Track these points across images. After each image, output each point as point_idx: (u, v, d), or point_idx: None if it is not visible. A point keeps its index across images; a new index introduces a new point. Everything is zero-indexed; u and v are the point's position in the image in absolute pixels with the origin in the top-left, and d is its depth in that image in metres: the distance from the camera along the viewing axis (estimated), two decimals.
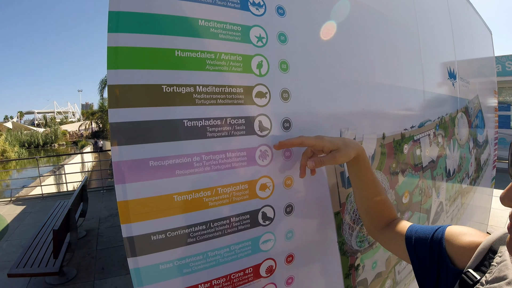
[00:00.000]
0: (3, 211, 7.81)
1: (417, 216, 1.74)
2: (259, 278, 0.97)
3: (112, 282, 4.44)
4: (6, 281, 4.39)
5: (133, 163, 0.73)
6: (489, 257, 0.70)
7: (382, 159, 1.36)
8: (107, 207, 7.94)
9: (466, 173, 2.58)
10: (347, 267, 1.27)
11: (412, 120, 1.62)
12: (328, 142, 0.91)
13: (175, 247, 0.80)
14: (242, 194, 0.88)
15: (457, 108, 2.35)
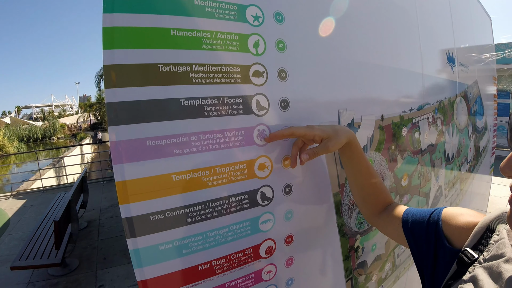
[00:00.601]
0: (4, 206, 7.84)
1: (416, 199, 1.74)
2: (258, 259, 0.97)
3: (114, 271, 4.48)
4: (10, 274, 4.44)
5: (131, 143, 0.73)
6: (486, 236, 0.70)
7: (381, 141, 1.36)
8: (107, 198, 7.98)
9: (465, 158, 2.58)
10: (346, 249, 1.28)
11: (411, 103, 1.62)
12: (319, 131, 0.91)
13: (174, 227, 0.80)
14: (240, 173, 0.88)
15: (456, 93, 2.35)
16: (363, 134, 1.26)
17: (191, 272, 0.85)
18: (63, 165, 11.43)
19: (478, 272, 0.63)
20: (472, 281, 0.62)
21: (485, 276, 0.61)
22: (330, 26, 1.12)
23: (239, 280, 0.95)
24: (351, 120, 1.19)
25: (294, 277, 1.10)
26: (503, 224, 0.69)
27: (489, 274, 0.61)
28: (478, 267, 0.64)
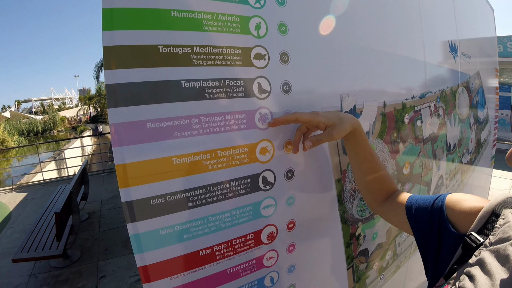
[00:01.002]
0: (5, 199, 7.88)
1: (418, 188, 1.73)
2: (260, 244, 0.96)
3: (115, 262, 4.51)
4: (12, 267, 4.47)
5: (130, 125, 0.72)
6: (492, 220, 0.69)
7: (383, 128, 1.34)
8: (108, 190, 8.02)
9: (466, 148, 2.58)
10: (348, 236, 1.27)
11: (413, 91, 1.60)
12: (323, 118, 0.90)
13: (175, 211, 0.79)
14: (242, 157, 0.87)
15: (458, 82, 2.33)
16: (365, 120, 1.25)
17: (192, 258, 0.84)
18: (64, 158, 11.45)
19: (484, 256, 0.62)
20: (479, 264, 0.61)
21: (492, 259, 0.60)
22: (333, 12, 1.10)
23: (240, 266, 0.94)
24: (353, 106, 1.18)
25: (295, 264, 1.09)
26: (508, 208, 0.69)
27: (496, 257, 0.60)
28: (484, 251, 0.63)
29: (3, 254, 4.98)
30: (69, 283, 4.12)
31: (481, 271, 0.60)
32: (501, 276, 0.56)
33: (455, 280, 0.64)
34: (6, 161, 19.97)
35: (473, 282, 0.59)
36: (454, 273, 0.67)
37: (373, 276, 1.51)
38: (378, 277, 1.56)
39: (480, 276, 0.59)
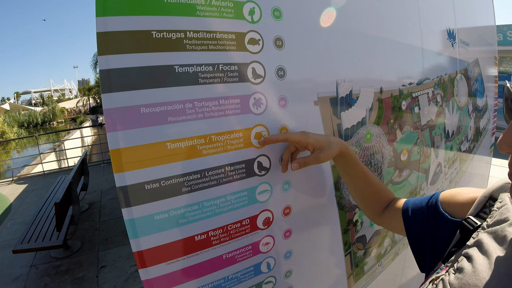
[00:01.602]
0: (5, 191, 7.89)
1: (416, 175, 1.73)
2: (256, 230, 0.97)
3: (115, 252, 4.54)
4: (12, 258, 4.50)
5: (124, 110, 0.72)
6: (489, 204, 0.70)
7: (380, 114, 1.34)
8: (108, 180, 8.04)
9: (465, 136, 2.57)
10: (345, 222, 1.27)
11: (410, 77, 1.59)
12: (312, 140, 0.91)
13: (170, 196, 0.79)
14: (236, 142, 0.87)
15: (457, 70, 2.32)
16: (361, 106, 1.24)
17: (188, 243, 0.84)
18: (64, 149, 11.45)
19: (482, 237, 0.62)
20: (477, 245, 0.62)
21: (490, 240, 0.61)
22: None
23: (236, 252, 0.94)
24: (349, 92, 1.17)
25: (292, 250, 1.09)
26: (506, 193, 0.69)
27: (494, 238, 0.60)
28: (482, 233, 0.64)
29: (4, 246, 5.00)
30: (70, 273, 4.14)
31: (479, 252, 0.60)
32: (498, 255, 0.56)
33: (453, 263, 0.65)
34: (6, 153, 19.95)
35: (471, 262, 0.59)
36: (452, 256, 0.68)
37: (371, 263, 1.51)
38: (376, 264, 1.56)
39: (478, 256, 0.59)
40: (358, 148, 1.25)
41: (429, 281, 0.67)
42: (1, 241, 5.21)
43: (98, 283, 3.90)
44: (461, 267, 0.60)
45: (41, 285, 3.94)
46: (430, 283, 0.66)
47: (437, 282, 0.63)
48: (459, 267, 0.61)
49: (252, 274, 1.01)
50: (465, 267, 0.59)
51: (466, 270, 0.59)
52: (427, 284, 0.66)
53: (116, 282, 3.90)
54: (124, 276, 4.00)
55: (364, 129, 1.26)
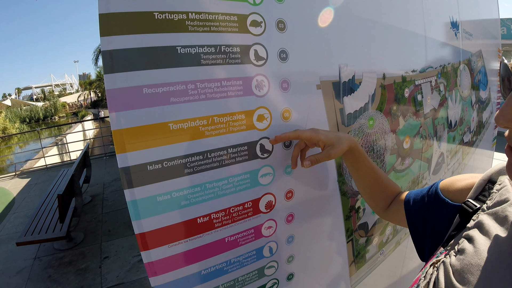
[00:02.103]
0: (8, 186, 7.95)
1: (418, 164, 1.73)
2: (258, 213, 0.97)
3: (118, 243, 4.57)
4: (16, 251, 4.54)
5: (127, 91, 0.72)
6: (488, 187, 0.70)
7: (383, 100, 1.33)
8: (110, 173, 8.09)
9: (467, 127, 2.56)
10: (347, 209, 1.27)
11: (413, 64, 1.59)
12: (323, 137, 0.92)
13: (172, 177, 0.79)
14: (239, 124, 0.86)
15: (460, 60, 2.31)
16: (364, 91, 1.23)
17: (190, 225, 0.85)
18: (66, 143, 11.47)
19: (482, 218, 0.62)
20: (477, 226, 0.62)
21: (490, 221, 0.60)
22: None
23: (239, 235, 0.95)
24: (352, 76, 1.17)
25: (294, 235, 1.10)
26: (505, 175, 0.69)
27: (495, 219, 0.60)
28: (482, 214, 0.63)
29: (8, 239, 5.04)
30: (73, 265, 4.16)
31: (480, 233, 0.60)
32: (500, 235, 0.56)
33: (454, 245, 0.64)
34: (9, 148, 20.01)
35: (472, 243, 0.59)
36: (452, 240, 0.67)
37: (373, 251, 1.52)
38: (378, 253, 1.56)
39: (479, 237, 0.59)
40: (361, 134, 1.24)
41: (429, 264, 0.66)
42: (5, 235, 5.25)
43: (101, 274, 3.92)
44: (462, 248, 0.60)
45: (45, 277, 3.97)
46: (430, 267, 0.65)
47: (438, 265, 0.63)
48: (460, 249, 0.60)
49: (255, 258, 1.01)
50: (466, 248, 0.59)
51: (468, 250, 0.58)
52: (428, 267, 0.66)
53: (119, 272, 3.92)
54: (127, 266, 4.03)
55: (366, 115, 1.25)
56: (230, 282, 0.98)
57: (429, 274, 0.63)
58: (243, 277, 1.01)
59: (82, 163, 5.65)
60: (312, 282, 1.25)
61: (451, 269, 0.58)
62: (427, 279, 0.63)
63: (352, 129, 1.21)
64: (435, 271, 0.62)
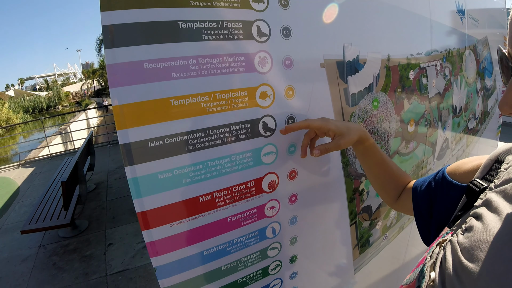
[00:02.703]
0: (13, 175, 8.00)
1: (422, 148, 1.71)
2: (261, 193, 0.96)
3: (122, 230, 4.61)
4: (21, 239, 4.58)
5: (127, 66, 0.71)
6: (495, 167, 0.68)
7: (387, 81, 1.32)
8: (114, 160, 8.12)
9: (472, 114, 2.54)
10: (351, 191, 1.26)
11: (418, 47, 1.56)
12: (333, 126, 0.92)
13: (173, 154, 0.78)
14: (241, 101, 0.85)
15: (465, 45, 2.28)
16: (368, 71, 1.22)
17: (192, 204, 0.84)
18: (70, 131, 11.50)
19: (491, 196, 0.60)
20: (485, 205, 0.60)
21: (499, 198, 0.58)
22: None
23: (241, 215, 0.94)
24: (356, 56, 1.15)
25: (297, 216, 1.09)
26: None
27: (503, 197, 0.58)
28: (490, 193, 0.61)
29: (13, 228, 5.08)
30: (78, 252, 4.19)
31: (488, 211, 0.58)
32: (509, 212, 0.54)
33: (460, 225, 0.63)
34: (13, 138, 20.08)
35: (481, 220, 0.57)
36: (458, 220, 0.66)
37: (376, 235, 1.51)
38: (381, 237, 1.56)
39: (488, 214, 0.57)
40: (365, 114, 1.23)
41: (435, 244, 0.65)
42: (10, 224, 5.29)
43: (106, 260, 3.95)
44: (470, 226, 0.58)
45: (50, 264, 4.00)
46: (437, 246, 0.64)
47: (445, 245, 0.61)
48: (467, 227, 0.59)
49: (257, 239, 1.01)
50: (474, 225, 0.57)
51: (476, 228, 0.56)
52: (434, 247, 0.64)
53: (123, 258, 3.95)
54: (131, 252, 4.05)
55: (371, 95, 1.24)
56: (233, 263, 0.98)
57: (435, 254, 0.62)
58: (245, 258, 1.00)
59: (86, 150, 5.66)
60: (316, 265, 1.25)
61: (459, 247, 0.56)
62: (433, 258, 0.61)
63: (356, 110, 1.19)
64: (441, 251, 0.61)
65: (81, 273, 3.77)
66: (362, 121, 1.22)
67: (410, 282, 0.64)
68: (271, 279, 1.11)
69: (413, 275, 0.65)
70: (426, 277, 0.59)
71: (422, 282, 0.59)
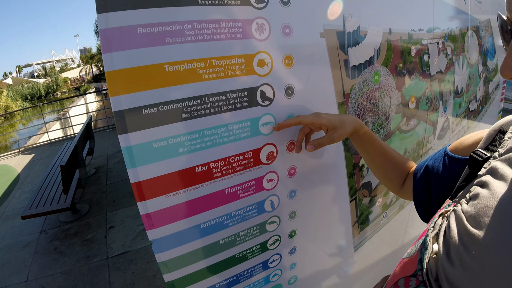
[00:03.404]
0: (12, 163, 8.01)
1: (423, 126, 1.70)
2: (259, 164, 0.94)
3: (123, 213, 4.62)
4: (22, 226, 4.61)
5: (120, 30, 0.68)
6: (499, 137, 0.66)
7: (388, 56, 1.29)
8: (114, 144, 8.13)
9: (474, 95, 2.52)
10: (351, 166, 1.25)
11: (420, 23, 1.53)
12: (325, 121, 0.92)
13: (168, 122, 0.76)
14: (238, 68, 0.83)
15: (468, 25, 2.25)
16: (369, 44, 1.19)
17: (188, 174, 0.83)
18: (69, 116, 11.48)
19: (495, 164, 0.57)
20: (490, 173, 0.57)
21: (505, 166, 0.55)
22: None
23: (239, 187, 0.93)
24: (356, 28, 1.12)
25: (296, 189, 1.08)
26: None
27: (509, 165, 0.55)
28: (494, 161, 0.59)
29: (14, 215, 5.10)
30: (79, 236, 4.20)
31: (494, 178, 0.55)
32: None
33: (463, 195, 0.60)
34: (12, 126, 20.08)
35: (487, 187, 0.54)
36: (461, 191, 0.64)
37: (376, 212, 1.50)
38: (381, 215, 1.55)
39: (494, 181, 0.54)
40: (366, 88, 1.21)
41: (438, 215, 0.63)
42: (11, 210, 5.30)
43: (107, 243, 3.96)
44: (476, 194, 0.55)
45: (51, 249, 4.01)
46: (439, 217, 0.62)
47: (448, 215, 0.59)
48: (472, 195, 0.56)
49: (256, 213, 1.00)
50: (480, 193, 0.54)
51: (482, 194, 0.54)
52: (436, 218, 0.62)
53: (124, 241, 3.96)
54: (132, 235, 4.07)
55: (372, 69, 1.21)
56: (231, 237, 0.97)
57: (438, 225, 0.60)
58: (244, 232, 0.99)
59: (85, 135, 5.64)
60: (315, 241, 1.24)
61: (464, 216, 0.53)
62: (436, 229, 0.59)
63: (357, 82, 1.17)
64: (445, 221, 0.58)
65: (82, 256, 3.78)
66: (363, 94, 1.20)
67: (412, 254, 0.61)
68: (270, 254, 1.10)
69: (414, 247, 0.62)
70: (429, 249, 0.57)
71: (424, 254, 0.57)
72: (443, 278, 0.52)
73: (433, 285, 0.54)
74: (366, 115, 1.24)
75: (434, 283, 0.54)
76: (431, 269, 0.55)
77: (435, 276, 0.54)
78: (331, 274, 1.40)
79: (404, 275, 0.61)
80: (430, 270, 0.55)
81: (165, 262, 0.87)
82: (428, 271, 0.55)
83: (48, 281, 3.44)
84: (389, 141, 1.44)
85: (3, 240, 4.38)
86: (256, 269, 1.09)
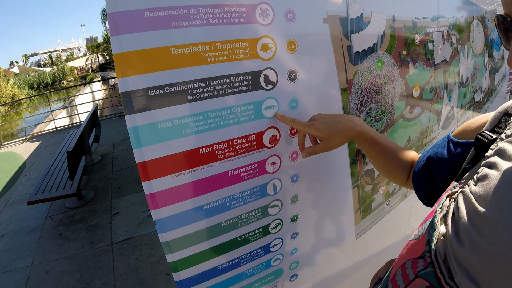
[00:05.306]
0: (19, 150, 8.12)
1: (427, 115, 1.70)
2: (262, 147, 0.96)
3: (128, 199, 4.68)
4: (28, 211, 4.69)
5: (128, 14, 0.70)
6: (505, 120, 0.65)
7: (392, 43, 1.30)
8: (120, 132, 8.20)
9: (479, 86, 2.51)
10: (354, 152, 1.26)
11: (424, 11, 1.53)
12: (314, 131, 0.94)
13: (174, 104, 0.78)
14: (242, 52, 0.84)
15: (473, 15, 2.24)
16: (373, 31, 1.20)
17: (192, 155, 0.84)
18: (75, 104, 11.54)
19: (503, 145, 0.57)
20: (498, 154, 0.57)
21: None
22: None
23: (242, 169, 0.94)
24: (360, 14, 1.13)
25: (299, 173, 1.09)
26: None
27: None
28: (502, 142, 0.58)
29: (20, 200, 5.18)
30: (84, 221, 4.26)
31: (502, 159, 0.55)
32: None
33: (471, 176, 0.60)
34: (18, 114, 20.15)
35: (495, 168, 0.54)
36: (467, 173, 0.64)
37: (379, 200, 1.51)
38: (384, 203, 1.56)
39: (502, 162, 0.54)
40: (369, 74, 1.22)
41: (445, 196, 0.62)
42: (17, 197, 5.38)
43: (112, 229, 4.02)
44: (484, 174, 0.55)
45: (56, 234, 4.08)
46: (446, 198, 0.61)
47: (456, 196, 0.58)
48: (480, 177, 0.56)
49: (258, 196, 1.01)
50: (489, 173, 0.54)
51: (491, 175, 0.53)
52: (444, 199, 0.62)
53: (128, 227, 4.02)
54: (136, 221, 4.13)
55: (375, 56, 1.22)
56: (233, 219, 0.99)
57: (446, 206, 0.59)
58: (246, 214, 1.01)
59: (91, 122, 5.69)
60: (317, 226, 1.26)
61: (473, 196, 0.53)
62: (443, 211, 0.59)
63: (360, 69, 1.18)
64: (452, 202, 0.58)
65: (87, 242, 3.84)
66: (366, 80, 1.21)
67: (419, 236, 0.61)
68: (272, 238, 1.12)
69: (421, 229, 0.62)
70: (437, 230, 0.56)
71: (432, 235, 0.57)
72: (452, 259, 0.52)
73: (441, 266, 0.54)
74: (369, 101, 1.25)
75: (443, 264, 0.54)
76: (439, 250, 0.55)
77: (443, 257, 0.54)
78: (333, 261, 1.42)
79: (412, 257, 0.61)
80: (439, 251, 0.55)
81: (168, 242, 0.89)
82: (436, 252, 0.55)
83: (53, 266, 3.50)
84: (393, 129, 1.45)
85: (9, 226, 4.45)
86: (258, 253, 1.10)
